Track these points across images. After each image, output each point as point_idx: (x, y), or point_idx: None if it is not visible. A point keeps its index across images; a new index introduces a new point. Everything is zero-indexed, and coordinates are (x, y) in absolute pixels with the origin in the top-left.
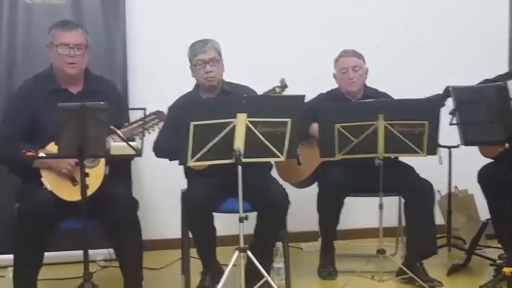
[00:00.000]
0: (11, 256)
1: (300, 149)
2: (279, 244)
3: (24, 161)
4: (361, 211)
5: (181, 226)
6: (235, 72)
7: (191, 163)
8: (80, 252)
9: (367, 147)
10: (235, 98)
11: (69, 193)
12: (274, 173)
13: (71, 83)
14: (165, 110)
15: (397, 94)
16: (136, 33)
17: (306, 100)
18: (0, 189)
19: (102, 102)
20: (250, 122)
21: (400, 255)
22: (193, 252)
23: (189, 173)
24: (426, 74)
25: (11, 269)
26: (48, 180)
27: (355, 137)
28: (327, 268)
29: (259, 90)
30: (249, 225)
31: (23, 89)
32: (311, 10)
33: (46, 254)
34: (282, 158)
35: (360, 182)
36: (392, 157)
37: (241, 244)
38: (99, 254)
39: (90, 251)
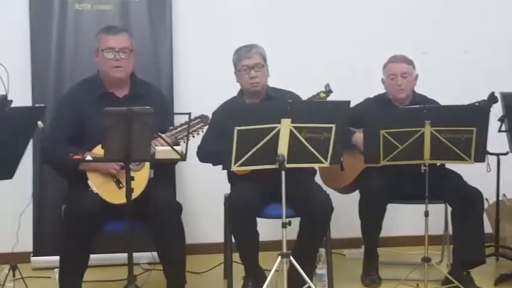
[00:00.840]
0: (57, 257)
1: (344, 154)
2: (322, 250)
3: (71, 164)
4: (405, 218)
5: (224, 230)
6: (280, 77)
7: (235, 168)
8: (125, 255)
9: (412, 153)
10: (280, 103)
11: (115, 196)
12: (317, 178)
13: (118, 87)
14: (209, 115)
15: (443, 100)
16: (182, 38)
17: (352, 105)
18: (48, 191)
19: (147, 107)
20: (294, 127)
21: (446, 264)
22: (235, 256)
23: (232, 177)
24: (473, 80)
25: (57, 270)
26: (95, 183)
27: (401, 143)
28: (371, 275)
29: (304, 96)
30: (292, 231)
31: (71, 94)
32: (356, 16)
33: (91, 256)
34: (326, 164)
35: (404, 189)
36: (438, 164)
37: (284, 250)
38: (143, 257)
39: (135, 254)
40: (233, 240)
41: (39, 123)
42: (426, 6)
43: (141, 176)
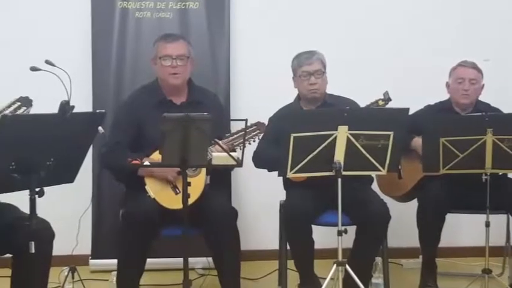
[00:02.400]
0: (115, 261)
1: (401, 162)
2: (378, 259)
3: (129, 169)
4: (465, 228)
5: (279, 237)
6: (338, 84)
7: (290, 174)
8: (180, 260)
9: (473, 162)
10: (337, 110)
11: (171, 201)
12: (374, 186)
13: (175, 94)
14: (265, 121)
15: (506, 108)
16: (240, 45)
17: (412, 112)
18: (107, 195)
19: (205, 113)
20: (351, 134)
21: (508, 276)
22: (290, 264)
23: (288, 184)
24: None
25: (114, 273)
26: (152, 189)
27: (461, 151)
28: (429, 286)
29: (362, 104)
30: (348, 239)
31: (130, 100)
32: (416, 23)
33: (148, 260)
34: (383, 172)
35: (464, 198)
36: (500, 173)
37: (340, 258)
38: (199, 262)
39: (190, 259)
40: (288, 247)
41: (100, 128)
42: (491, 14)
43: (198, 182)
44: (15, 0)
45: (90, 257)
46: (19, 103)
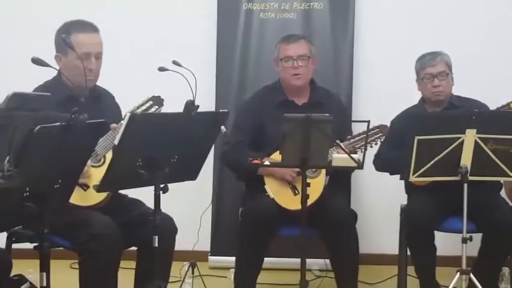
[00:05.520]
0: (233, 258)
1: None
2: (506, 269)
3: (250, 168)
4: None
5: (399, 242)
6: (466, 86)
7: (413, 178)
8: (297, 260)
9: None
10: (464, 112)
11: (290, 202)
12: (502, 192)
13: (297, 95)
14: (388, 124)
15: None
16: (364, 46)
17: None
18: (227, 194)
19: (326, 114)
20: (480, 138)
21: None
22: (410, 269)
23: (410, 188)
24: None
25: (232, 270)
26: (271, 188)
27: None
28: None
29: (491, 106)
30: (473, 247)
31: (253, 100)
32: None
33: (265, 259)
34: None
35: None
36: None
37: (464, 266)
38: (316, 263)
39: (307, 260)
40: (409, 252)
41: (222, 127)
42: None
43: (317, 183)
44: (147, 4)
45: (209, 254)
46: (151, 102)
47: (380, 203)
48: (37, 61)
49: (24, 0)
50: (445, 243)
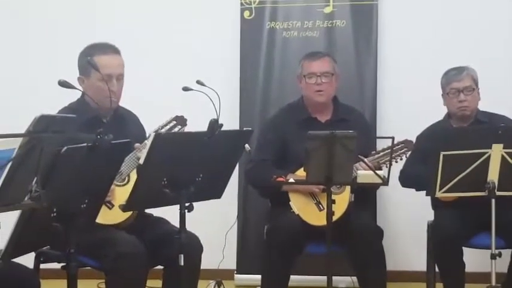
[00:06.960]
0: (259, 276)
1: None
2: None
3: (274, 186)
4: None
5: (427, 259)
6: (492, 100)
7: (439, 194)
8: (324, 278)
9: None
10: (490, 127)
11: (315, 218)
12: None
13: (320, 112)
14: (413, 139)
15: None
16: (387, 63)
17: None
18: (252, 211)
19: (350, 131)
20: (506, 153)
21: None
22: (439, 286)
23: (436, 203)
24: None
25: None
26: (296, 205)
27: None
28: None
29: None
30: (503, 263)
31: (276, 118)
32: None
33: (291, 277)
34: None
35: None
36: None
37: (493, 283)
38: (342, 281)
39: (334, 278)
40: (437, 269)
41: (247, 146)
42: None
43: (342, 199)
44: (171, 24)
45: (235, 272)
46: (175, 122)
47: (406, 219)
48: (64, 84)
49: (53, 25)
50: (474, 259)
